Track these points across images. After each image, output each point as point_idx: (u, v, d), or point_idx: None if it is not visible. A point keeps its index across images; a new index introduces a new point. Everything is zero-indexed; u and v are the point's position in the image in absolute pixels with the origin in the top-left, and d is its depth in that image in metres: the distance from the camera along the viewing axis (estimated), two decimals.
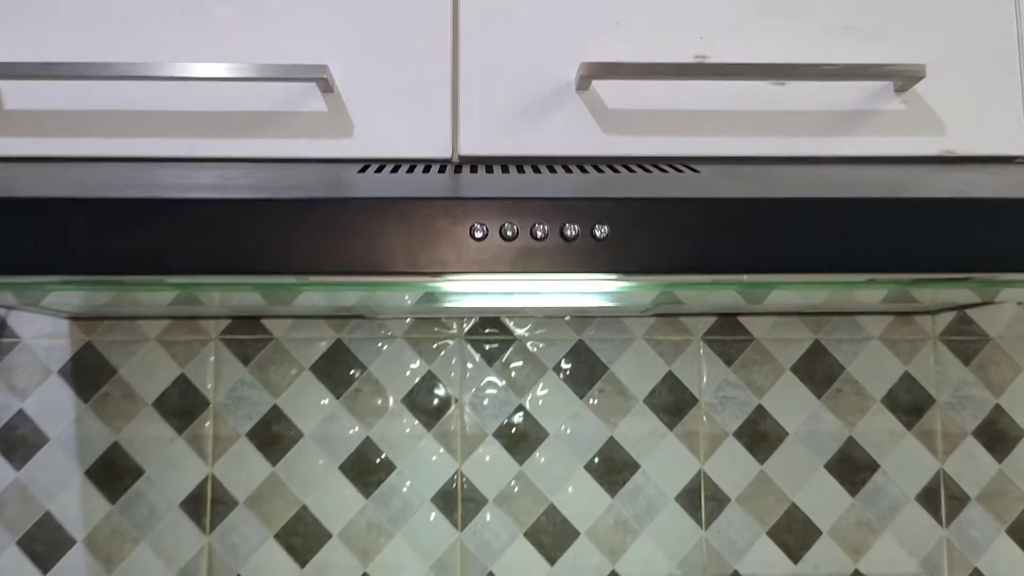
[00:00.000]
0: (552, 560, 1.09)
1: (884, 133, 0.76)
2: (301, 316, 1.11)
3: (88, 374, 1.09)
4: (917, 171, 0.71)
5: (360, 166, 0.73)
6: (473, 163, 0.76)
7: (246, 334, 1.11)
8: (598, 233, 0.58)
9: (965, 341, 1.12)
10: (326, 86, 0.73)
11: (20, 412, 1.09)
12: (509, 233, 0.58)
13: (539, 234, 0.58)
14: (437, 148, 0.75)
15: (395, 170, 0.71)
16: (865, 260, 0.59)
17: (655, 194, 0.59)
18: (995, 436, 1.11)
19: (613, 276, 0.59)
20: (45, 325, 1.09)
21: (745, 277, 0.60)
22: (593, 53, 0.75)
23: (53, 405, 1.09)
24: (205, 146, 0.75)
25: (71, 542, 1.07)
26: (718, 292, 0.77)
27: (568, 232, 0.58)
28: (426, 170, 0.72)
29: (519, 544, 1.09)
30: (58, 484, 1.08)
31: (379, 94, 0.75)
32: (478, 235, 0.58)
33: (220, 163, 0.74)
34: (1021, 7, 0.77)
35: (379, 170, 0.71)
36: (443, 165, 0.75)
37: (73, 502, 1.08)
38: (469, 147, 0.75)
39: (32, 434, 1.08)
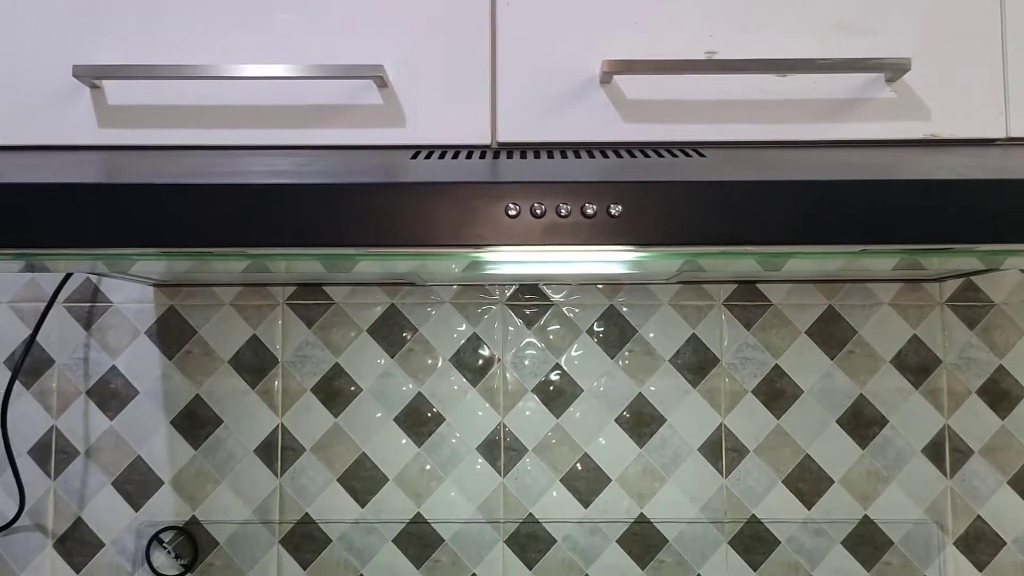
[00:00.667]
0: (586, 503, 1.18)
1: (874, 119, 0.83)
2: (359, 283, 1.20)
3: (172, 334, 1.20)
4: (901, 154, 0.78)
5: (412, 152, 0.82)
6: (510, 149, 0.84)
7: (310, 299, 1.21)
8: (613, 211, 0.65)
9: (971, 306, 1.19)
10: (382, 82, 0.83)
11: (113, 368, 1.20)
12: (538, 211, 0.66)
13: (563, 212, 0.66)
14: (478, 135, 0.84)
15: (442, 156, 0.80)
16: (848, 234, 0.65)
17: (662, 177, 0.67)
18: (998, 395, 1.18)
19: (626, 248, 0.67)
20: (133, 291, 1.20)
21: (748, 248, 0.68)
22: (615, 51, 0.83)
23: (142, 362, 1.20)
24: (278, 136, 0.84)
25: (159, 483, 1.19)
26: (738, 261, 0.85)
27: (588, 210, 0.65)
28: (468, 156, 0.80)
29: (556, 489, 1.18)
30: (147, 431, 1.19)
31: (428, 89, 0.84)
32: (511, 213, 0.66)
33: (291, 150, 0.83)
34: (1004, 2, 0.83)
35: (428, 156, 0.80)
36: (483, 151, 0.83)
37: (160, 447, 1.19)
38: (506, 134, 0.84)
39: (124, 388, 1.20)
